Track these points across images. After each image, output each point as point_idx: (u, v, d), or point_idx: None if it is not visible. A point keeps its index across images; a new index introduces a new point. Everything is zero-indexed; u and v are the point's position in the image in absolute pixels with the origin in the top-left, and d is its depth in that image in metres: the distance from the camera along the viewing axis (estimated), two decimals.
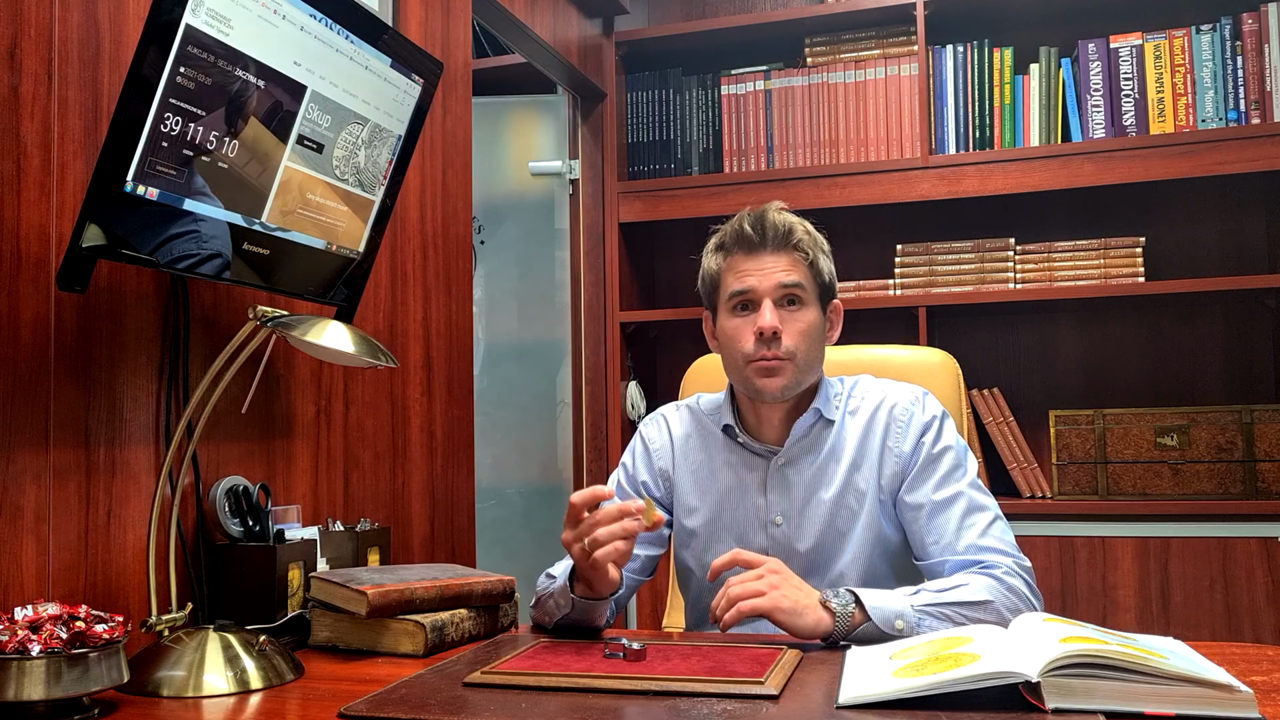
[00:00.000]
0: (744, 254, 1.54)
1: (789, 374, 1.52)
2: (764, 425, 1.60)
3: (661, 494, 1.66)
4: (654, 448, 1.67)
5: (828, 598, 1.35)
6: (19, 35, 1.26)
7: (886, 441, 1.56)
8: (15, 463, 1.24)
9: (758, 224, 1.54)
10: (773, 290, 1.52)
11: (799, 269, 1.53)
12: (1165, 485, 2.74)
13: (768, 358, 1.51)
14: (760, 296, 1.52)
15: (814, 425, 1.58)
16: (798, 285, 1.52)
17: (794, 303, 1.53)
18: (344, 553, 1.63)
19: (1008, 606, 1.39)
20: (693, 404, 1.70)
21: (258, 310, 1.34)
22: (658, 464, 1.66)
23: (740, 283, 1.53)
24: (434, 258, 2.16)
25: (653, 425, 1.70)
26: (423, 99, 1.62)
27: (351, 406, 1.87)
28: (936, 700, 1.04)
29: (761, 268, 1.53)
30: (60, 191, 1.30)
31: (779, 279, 1.52)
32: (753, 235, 1.53)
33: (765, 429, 1.60)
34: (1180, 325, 2.98)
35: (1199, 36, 2.80)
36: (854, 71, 3.03)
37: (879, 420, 1.58)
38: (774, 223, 1.53)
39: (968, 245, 2.95)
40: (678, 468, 1.65)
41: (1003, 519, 1.55)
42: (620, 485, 1.68)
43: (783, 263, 1.53)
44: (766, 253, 1.53)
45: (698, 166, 3.15)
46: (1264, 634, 2.54)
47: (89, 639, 1.07)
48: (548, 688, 1.13)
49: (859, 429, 1.58)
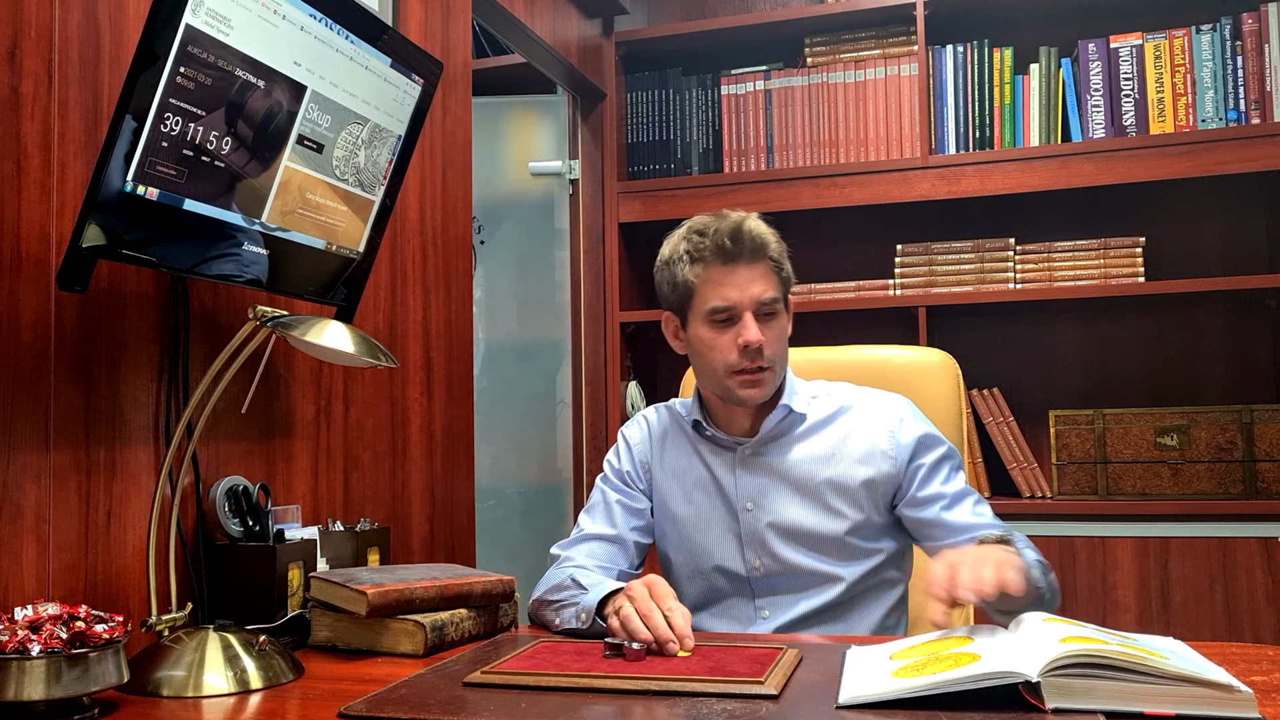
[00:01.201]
0: (720, 266, 1.56)
1: (770, 381, 1.59)
2: (734, 419, 1.65)
3: (643, 485, 1.71)
4: (634, 443, 1.74)
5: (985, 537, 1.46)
6: (19, 35, 1.26)
7: (876, 440, 1.61)
8: (15, 463, 1.24)
9: (735, 236, 1.56)
10: (752, 304, 1.56)
11: (772, 279, 1.58)
12: (1165, 485, 2.74)
13: (750, 369, 1.56)
14: (741, 311, 1.56)
15: (783, 419, 1.63)
16: (774, 299, 1.57)
17: (769, 313, 1.58)
18: (344, 553, 1.63)
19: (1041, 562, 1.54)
20: (670, 405, 1.76)
21: (257, 310, 1.34)
22: (638, 457, 1.72)
23: (721, 298, 1.56)
24: (434, 258, 2.16)
25: (633, 424, 1.77)
26: (423, 99, 1.62)
27: (351, 406, 1.87)
28: (936, 700, 1.04)
29: (739, 281, 1.56)
30: (60, 191, 1.30)
31: (757, 294, 1.56)
32: (730, 248, 1.56)
33: (735, 423, 1.66)
34: (1180, 325, 2.98)
35: (1199, 36, 2.80)
36: (854, 71, 3.03)
37: (867, 420, 1.63)
38: (750, 234, 1.57)
39: (968, 245, 2.95)
40: (655, 461, 1.71)
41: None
42: (607, 477, 1.73)
43: (758, 275, 1.56)
44: (742, 265, 1.56)
45: (698, 166, 3.15)
46: (1264, 634, 2.54)
47: (89, 639, 1.07)
48: (548, 688, 1.14)
49: (840, 425, 1.64)
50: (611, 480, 1.71)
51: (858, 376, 1.79)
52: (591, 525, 1.67)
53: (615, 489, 1.70)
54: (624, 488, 1.69)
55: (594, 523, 1.68)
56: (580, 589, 1.47)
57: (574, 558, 1.61)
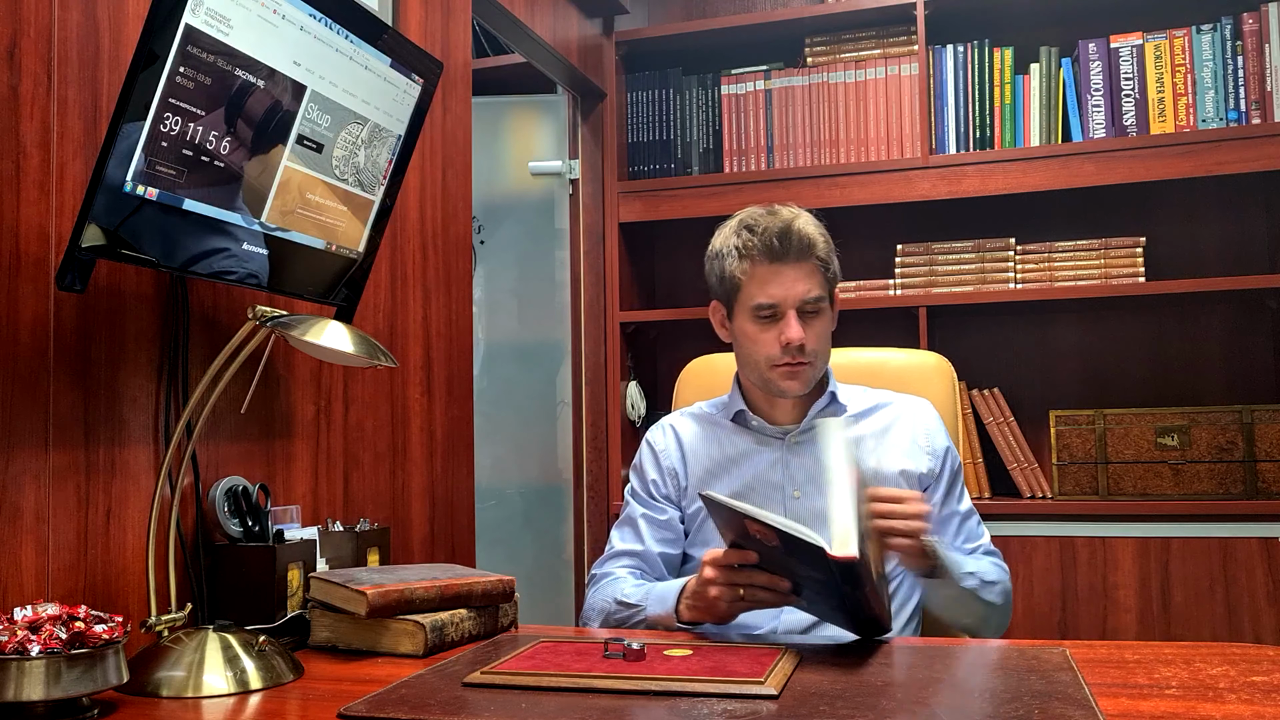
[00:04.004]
0: (767, 264, 1.62)
1: (809, 375, 1.65)
2: (777, 409, 1.70)
3: (670, 491, 1.73)
4: (659, 449, 1.76)
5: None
6: (19, 35, 1.26)
7: (916, 436, 1.68)
8: (15, 463, 1.24)
9: (785, 237, 1.61)
10: (796, 303, 1.61)
11: (817, 278, 1.63)
12: (1166, 485, 2.74)
13: (792, 363, 1.62)
14: (785, 309, 1.61)
15: (827, 408, 1.69)
16: (819, 299, 1.63)
17: (812, 311, 1.62)
18: (344, 553, 1.62)
19: (1004, 591, 1.60)
20: (693, 410, 1.79)
21: (257, 310, 1.34)
22: (665, 464, 1.74)
23: (766, 296, 1.62)
24: (434, 258, 2.16)
25: (657, 430, 1.79)
26: (423, 99, 1.62)
27: (351, 406, 1.87)
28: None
29: (784, 280, 1.61)
30: (60, 191, 1.30)
31: (802, 293, 1.61)
32: (778, 248, 1.61)
33: (778, 413, 1.70)
34: (1180, 325, 2.98)
35: (1199, 36, 2.80)
36: (854, 71, 3.03)
37: (906, 417, 1.70)
38: (799, 235, 1.61)
39: (968, 245, 2.95)
40: (689, 462, 1.73)
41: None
42: (634, 491, 1.76)
43: (804, 274, 1.62)
44: (789, 264, 1.61)
45: (698, 166, 3.15)
46: (1264, 634, 2.54)
47: (88, 639, 1.07)
48: (548, 688, 1.13)
49: (879, 417, 1.70)
50: (638, 494, 1.75)
51: (856, 379, 1.80)
52: (620, 542, 1.72)
53: (641, 502, 1.74)
54: (650, 500, 1.73)
55: (623, 540, 1.72)
56: (632, 608, 1.56)
57: (611, 572, 1.67)
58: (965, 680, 1.21)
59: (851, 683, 1.16)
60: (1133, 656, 1.27)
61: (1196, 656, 1.25)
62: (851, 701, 1.08)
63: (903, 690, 1.15)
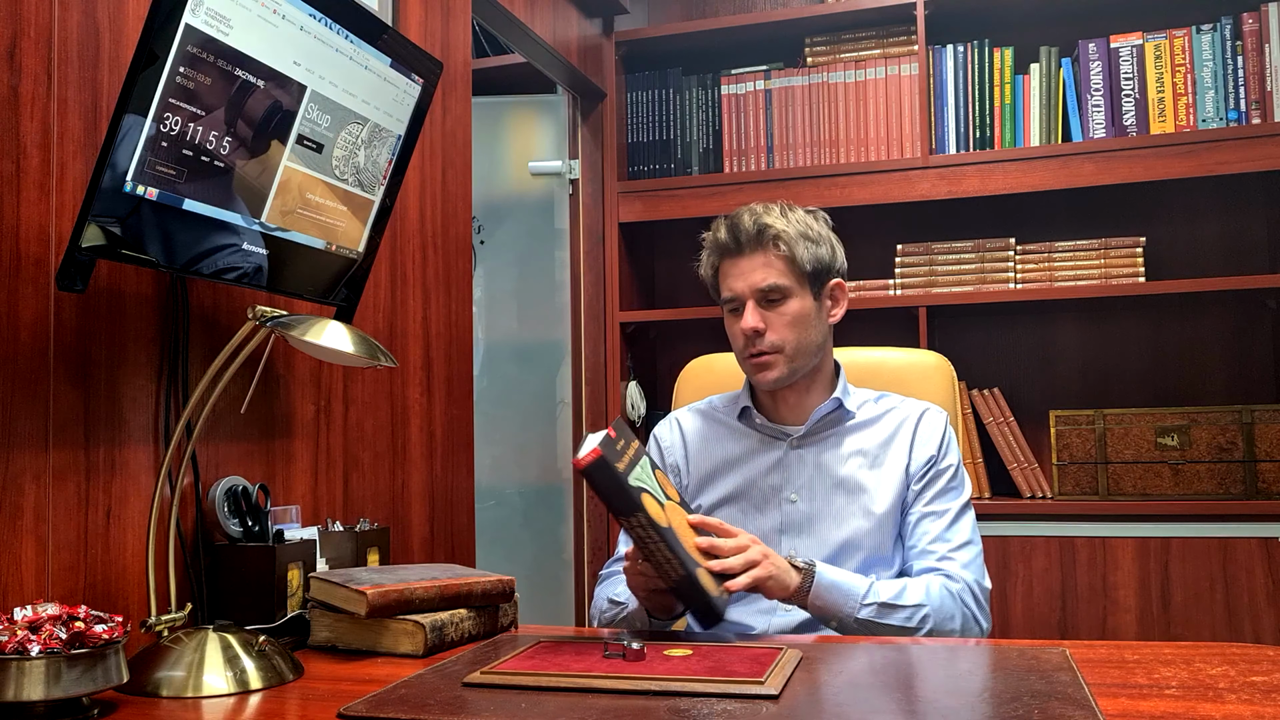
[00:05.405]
0: (728, 259, 1.66)
1: (781, 365, 1.63)
2: (781, 408, 1.70)
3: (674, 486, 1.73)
4: (665, 444, 1.78)
5: (795, 560, 1.49)
6: (19, 35, 1.26)
7: (915, 441, 1.65)
8: (15, 463, 1.24)
9: (733, 230, 1.64)
10: (752, 292, 1.62)
11: (775, 266, 1.63)
12: (1166, 485, 2.74)
13: (754, 354, 1.63)
14: (744, 299, 1.63)
15: (833, 412, 1.67)
16: (773, 287, 1.62)
17: (774, 299, 1.62)
18: (343, 553, 1.63)
19: (945, 615, 1.50)
20: (702, 406, 1.80)
21: (257, 310, 1.34)
22: (669, 460, 1.76)
23: (727, 289, 1.66)
24: (434, 258, 2.16)
25: (664, 425, 1.81)
26: (422, 99, 1.62)
27: (351, 406, 1.87)
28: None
29: (741, 271, 1.64)
30: (60, 191, 1.30)
31: (758, 282, 1.62)
32: (729, 242, 1.65)
33: (783, 412, 1.70)
34: (1181, 325, 2.98)
35: (1199, 36, 2.80)
36: (854, 71, 3.03)
37: (910, 422, 1.67)
38: (746, 227, 1.63)
39: (968, 245, 2.95)
40: (692, 460, 1.74)
41: (978, 546, 1.63)
42: None
43: (759, 263, 1.63)
44: (744, 256, 1.64)
45: (698, 166, 3.15)
46: (1264, 634, 2.54)
47: (88, 639, 1.07)
48: (548, 688, 1.13)
49: (885, 424, 1.68)
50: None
51: (855, 379, 1.79)
52: (623, 545, 1.72)
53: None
54: None
55: (625, 542, 1.72)
56: (619, 605, 1.59)
57: (611, 572, 1.71)
58: (965, 680, 1.21)
59: (851, 683, 1.17)
60: (1132, 656, 1.27)
61: (1196, 656, 1.25)
62: (851, 701, 1.08)
63: (903, 690, 1.15)
